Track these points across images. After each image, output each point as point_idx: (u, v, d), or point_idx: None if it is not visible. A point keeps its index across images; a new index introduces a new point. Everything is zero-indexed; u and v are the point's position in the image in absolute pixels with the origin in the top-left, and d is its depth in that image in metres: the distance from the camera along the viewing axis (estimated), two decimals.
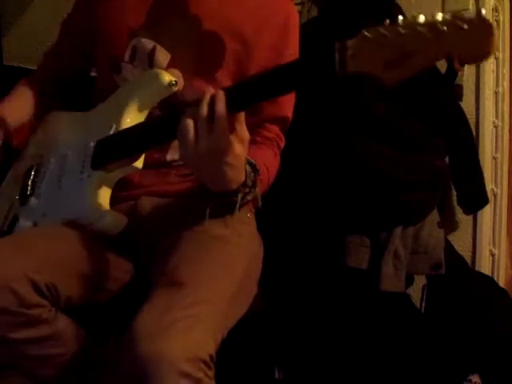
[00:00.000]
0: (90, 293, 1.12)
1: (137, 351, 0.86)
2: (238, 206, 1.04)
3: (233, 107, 0.94)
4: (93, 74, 1.42)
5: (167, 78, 1.12)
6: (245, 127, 0.96)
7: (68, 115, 1.33)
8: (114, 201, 1.17)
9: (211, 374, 0.90)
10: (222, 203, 1.05)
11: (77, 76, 1.42)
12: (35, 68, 1.46)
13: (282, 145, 1.28)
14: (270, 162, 1.20)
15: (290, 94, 0.99)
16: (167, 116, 1.12)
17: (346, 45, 0.82)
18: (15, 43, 2.25)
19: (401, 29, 0.76)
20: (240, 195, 1.03)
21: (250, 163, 1.05)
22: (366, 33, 0.80)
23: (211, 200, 1.05)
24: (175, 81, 1.12)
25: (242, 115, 0.95)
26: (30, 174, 1.29)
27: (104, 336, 1.17)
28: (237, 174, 0.99)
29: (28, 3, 2.26)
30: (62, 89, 1.42)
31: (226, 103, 0.93)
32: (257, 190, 1.06)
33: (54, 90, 1.41)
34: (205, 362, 0.88)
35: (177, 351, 0.85)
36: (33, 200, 1.28)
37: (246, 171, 1.01)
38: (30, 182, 1.29)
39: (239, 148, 0.95)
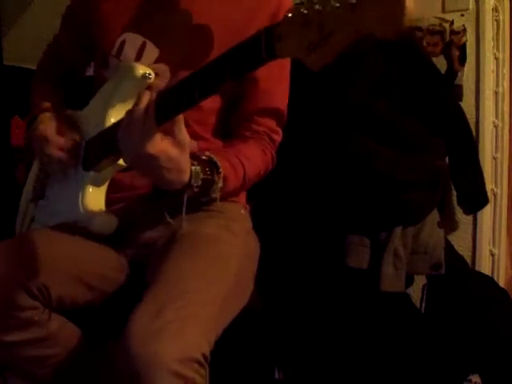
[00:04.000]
0: (82, 293, 1.11)
1: (130, 353, 0.86)
2: (184, 205, 1.03)
3: (167, 113, 0.93)
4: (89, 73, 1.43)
5: (141, 70, 1.12)
6: (183, 130, 0.95)
7: (70, 114, 1.33)
8: (107, 203, 1.17)
9: (204, 372, 0.90)
10: (174, 202, 1.05)
11: (78, 69, 1.43)
12: (35, 68, 1.46)
13: (277, 138, 1.25)
14: (250, 156, 1.18)
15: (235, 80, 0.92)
16: None
17: (272, 28, 0.80)
18: (15, 43, 2.25)
19: (317, 5, 0.73)
20: (186, 195, 1.02)
21: (209, 161, 1.05)
22: (289, 14, 0.77)
23: (164, 199, 1.06)
24: (149, 72, 1.12)
25: (180, 119, 0.94)
26: (40, 176, 1.29)
27: (103, 337, 1.17)
28: (176, 175, 0.98)
29: (28, 3, 2.27)
30: (65, 80, 1.42)
31: (154, 110, 0.93)
32: (214, 187, 1.06)
33: (59, 80, 1.41)
34: (198, 362, 0.88)
35: (169, 352, 0.86)
36: (41, 202, 1.29)
37: (191, 172, 1.00)
38: (39, 184, 1.29)
39: (175, 151, 0.96)
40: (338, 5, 0.71)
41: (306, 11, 0.75)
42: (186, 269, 1.03)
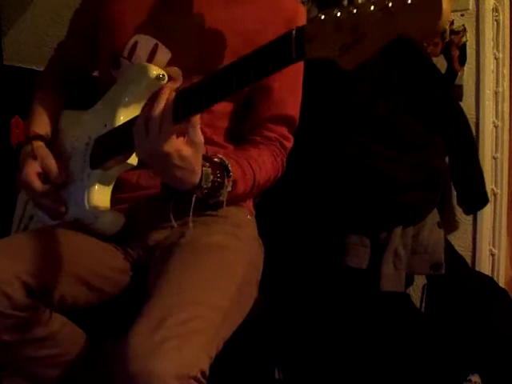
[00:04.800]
0: (83, 293, 1.11)
1: (128, 368, 0.86)
2: (192, 206, 1.03)
3: (185, 111, 0.93)
4: (95, 74, 1.42)
5: (155, 71, 1.12)
6: (199, 131, 0.95)
7: (74, 114, 1.33)
8: (112, 202, 1.17)
9: None
10: (181, 202, 1.04)
11: (86, 70, 1.42)
12: (35, 68, 1.45)
13: (288, 145, 1.26)
14: (261, 162, 1.18)
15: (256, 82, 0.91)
16: None
17: (303, 30, 0.80)
18: (15, 43, 2.25)
19: (354, 9, 0.74)
20: (195, 195, 1.02)
21: (220, 164, 1.05)
22: (321, 16, 0.78)
23: (171, 198, 1.05)
24: (163, 74, 1.11)
25: (196, 119, 0.94)
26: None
27: (105, 337, 1.17)
28: (187, 175, 0.98)
29: (28, 3, 2.26)
30: (72, 80, 1.41)
31: (172, 108, 0.93)
32: (223, 191, 1.05)
33: (65, 83, 1.40)
34: (196, 379, 0.88)
35: (167, 369, 0.85)
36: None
37: (202, 173, 1.00)
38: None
39: (188, 151, 0.95)
40: (374, 8, 0.72)
41: (339, 14, 0.76)
42: (188, 279, 1.02)
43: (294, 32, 0.81)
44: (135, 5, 1.24)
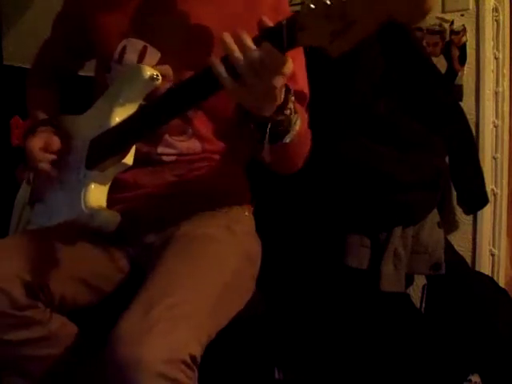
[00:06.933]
0: (83, 293, 1.12)
1: (116, 354, 0.87)
2: (295, 121, 0.97)
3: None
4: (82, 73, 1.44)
5: (148, 71, 1.12)
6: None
7: (70, 118, 1.34)
8: (110, 202, 1.17)
9: (192, 374, 0.89)
10: (278, 125, 0.98)
11: (71, 71, 1.44)
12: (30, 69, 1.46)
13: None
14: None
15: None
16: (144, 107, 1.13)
17: (294, 19, 0.81)
18: (15, 43, 2.25)
19: None
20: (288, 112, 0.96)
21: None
22: (311, 5, 0.78)
23: (266, 124, 0.97)
24: (157, 74, 1.12)
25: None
26: (37, 179, 1.30)
27: (104, 337, 1.17)
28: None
29: (28, 3, 2.26)
30: (59, 81, 1.42)
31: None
32: (295, 117, 1.00)
33: (54, 82, 1.42)
34: (185, 363, 0.88)
35: (155, 354, 0.85)
36: (38, 205, 1.30)
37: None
38: (36, 187, 1.30)
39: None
40: None
41: (329, 2, 0.76)
42: (178, 267, 1.03)
43: (285, 22, 0.82)
44: (120, 11, 1.24)
